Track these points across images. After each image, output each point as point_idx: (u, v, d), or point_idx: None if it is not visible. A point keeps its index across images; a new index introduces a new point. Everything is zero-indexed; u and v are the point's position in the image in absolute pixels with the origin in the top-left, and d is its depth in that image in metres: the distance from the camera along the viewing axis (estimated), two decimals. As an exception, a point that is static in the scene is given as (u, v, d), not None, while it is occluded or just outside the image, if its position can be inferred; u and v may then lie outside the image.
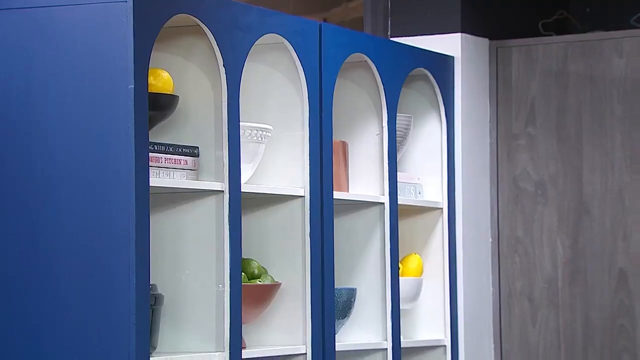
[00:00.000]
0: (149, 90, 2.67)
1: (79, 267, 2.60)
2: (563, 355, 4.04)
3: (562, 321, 4.06)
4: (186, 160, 2.88)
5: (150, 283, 2.69)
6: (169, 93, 2.82)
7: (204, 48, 2.91)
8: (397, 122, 3.64)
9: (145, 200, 2.62)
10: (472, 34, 4.07)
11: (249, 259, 3.14)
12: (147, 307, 2.66)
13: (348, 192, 3.52)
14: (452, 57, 3.92)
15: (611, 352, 4.00)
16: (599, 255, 4.04)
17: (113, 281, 2.57)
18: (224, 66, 2.90)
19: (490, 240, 4.14)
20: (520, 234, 4.11)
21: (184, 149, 2.89)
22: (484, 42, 4.14)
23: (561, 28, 4.24)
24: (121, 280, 2.57)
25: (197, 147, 2.92)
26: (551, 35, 4.19)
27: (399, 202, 3.63)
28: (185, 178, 2.88)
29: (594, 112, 4.06)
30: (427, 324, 3.83)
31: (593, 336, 4.02)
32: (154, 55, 2.69)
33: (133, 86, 2.56)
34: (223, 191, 2.92)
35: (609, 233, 4.03)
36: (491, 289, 4.13)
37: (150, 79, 2.70)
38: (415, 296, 3.76)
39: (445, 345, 3.80)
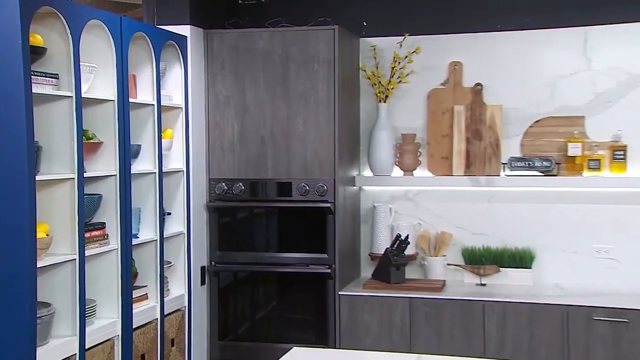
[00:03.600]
0: (30, 44, 2.44)
1: (-4, 132, 2.37)
2: (243, 173, 3.93)
3: (236, 159, 3.93)
4: (52, 80, 2.67)
5: (35, 140, 2.50)
6: (41, 46, 2.60)
7: (60, 24, 2.67)
8: (160, 66, 3.40)
9: (30, 99, 2.44)
10: (195, 25, 3.84)
11: (86, 129, 2.90)
12: (33, 152, 2.49)
13: (136, 98, 3.28)
14: (186, 36, 3.69)
15: (255, 171, 3.87)
16: (253, 128, 3.91)
17: (15, 139, 2.41)
18: (70, 34, 2.68)
19: (204, 122, 3.97)
20: (218, 120, 3.97)
21: (50, 75, 2.67)
22: (200, 30, 3.92)
23: (236, 25, 4.08)
24: (20, 139, 2.41)
25: (58, 74, 2.70)
26: (231, 29, 4.03)
27: (161, 104, 3.40)
28: (51, 89, 2.65)
29: (251, 65, 3.91)
30: (175, 160, 3.62)
31: (248, 163, 3.91)
32: (32, 26, 2.46)
33: (21, 41, 2.37)
34: (72, 96, 2.70)
35: (257, 119, 3.90)
36: (205, 143, 3.96)
37: (31, 39, 2.48)
38: (169, 148, 3.57)
39: (183, 171, 3.63)
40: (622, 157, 3.82)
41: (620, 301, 3.54)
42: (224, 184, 3.93)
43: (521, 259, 3.96)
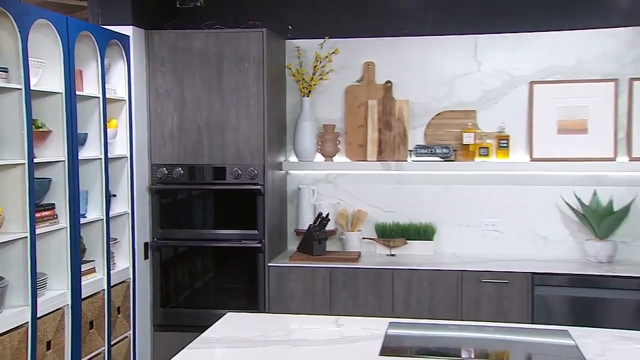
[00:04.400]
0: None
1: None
2: (182, 159, 3.87)
3: (176, 147, 3.87)
4: (1, 74, 2.57)
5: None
6: (-8, 43, 2.46)
7: (8, 22, 2.58)
8: (105, 62, 3.32)
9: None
10: (137, 26, 3.76)
11: (36, 119, 2.83)
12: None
13: (83, 91, 3.21)
14: (128, 36, 3.61)
15: (193, 157, 3.85)
16: (191, 119, 3.86)
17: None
18: (19, 32, 2.59)
19: (146, 114, 3.89)
20: (159, 111, 3.90)
21: (0, 69, 2.55)
22: (142, 30, 3.84)
23: (175, 27, 4.03)
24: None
25: (7, 68, 2.61)
26: (170, 30, 3.96)
27: (106, 97, 3.33)
28: (1, 82, 2.57)
29: (189, 62, 3.84)
30: (119, 147, 3.55)
31: (186, 150, 3.86)
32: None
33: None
34: (22, 89, 2.62)
35: (195, 111, 3.86)
36: (147, 132, 3.89)
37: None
38: (114, 136, 3.50)
39: (127, 157, 3.57)
40: (505, 145, 3.98)
41: (503, 266, 3.72)
42: (164, 168, 3.89)
43: (424, 232, 4.08)
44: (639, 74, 3.86)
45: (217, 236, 3.90)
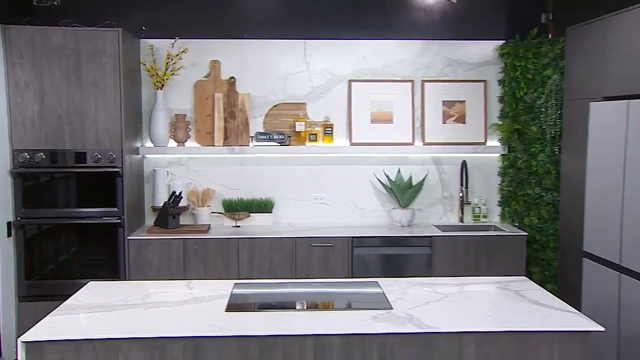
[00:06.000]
0: None
1: None
2: (43, 144, 3.75)
3: (37, 133, 3.75)
4: None
5: None
6: None
7: None
8: None
9: None
10: (-6, 24, 3.61)
11: None
12: None
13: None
14: None
15: (54, 143, 3.77)
16: (52, 108, 3.75)
17: None
18: None
19: (6, 103, 3.72)
20: (19, 100, 3.75)
21: None
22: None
23: (32, 23, 3.86)
24: None
25: None
26: (27, 25, 3.80)
27: None
28: None
29: (47, 56, 3.72)
30: None
31: (48, 136, 3.77)
32: None
33: None
34: None
35: (55, 101, 3.75)
36: (7, 121, 3.72)
37: None
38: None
39: None
40: (330, 132, 4.30)
41: (329, 232, 3.99)
42: (26, 153, 3.81)
43: (265, 206, 4.28)
44: (428, 77, 4.38)
45: (79, 214, 3.89)
